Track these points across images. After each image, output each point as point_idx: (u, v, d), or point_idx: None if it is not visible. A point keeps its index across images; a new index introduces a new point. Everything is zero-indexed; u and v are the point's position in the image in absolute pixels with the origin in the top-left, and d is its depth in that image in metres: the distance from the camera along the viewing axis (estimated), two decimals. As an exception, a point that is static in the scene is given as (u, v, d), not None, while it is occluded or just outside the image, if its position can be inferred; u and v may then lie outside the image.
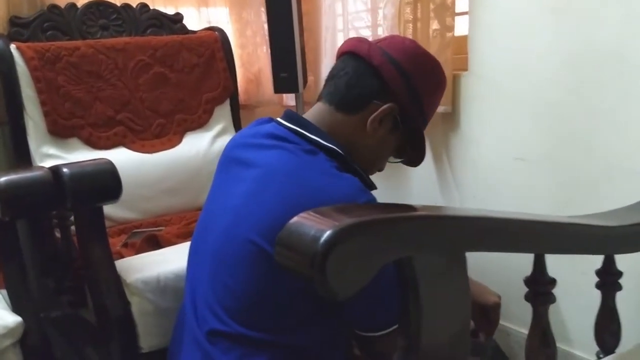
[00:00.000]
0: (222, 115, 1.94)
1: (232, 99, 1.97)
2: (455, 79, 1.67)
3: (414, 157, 1.10)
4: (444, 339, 0.70)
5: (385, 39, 1.07)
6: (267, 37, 1.95)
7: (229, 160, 1.08)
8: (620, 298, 0.92)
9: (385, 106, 0.99)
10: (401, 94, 1.00)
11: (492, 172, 1.61)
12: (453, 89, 1.66)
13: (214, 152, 1.86)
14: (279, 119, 1.03)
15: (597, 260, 0.91)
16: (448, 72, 1.63)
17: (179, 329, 1.05)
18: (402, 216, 0.64)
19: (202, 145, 1.87)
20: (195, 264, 1.05)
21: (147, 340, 1.17)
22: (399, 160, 1.12)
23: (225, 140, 1.87)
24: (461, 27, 1.68)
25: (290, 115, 1.02)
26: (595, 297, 0.93)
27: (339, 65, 1.04)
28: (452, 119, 1.69)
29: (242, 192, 0.96)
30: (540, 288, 0.79)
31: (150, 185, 1.75)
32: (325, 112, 1.02)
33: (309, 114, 1.03)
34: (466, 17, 1.63)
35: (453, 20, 1.63)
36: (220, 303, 0.94)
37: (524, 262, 0.81)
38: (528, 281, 0.80)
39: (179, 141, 1.85)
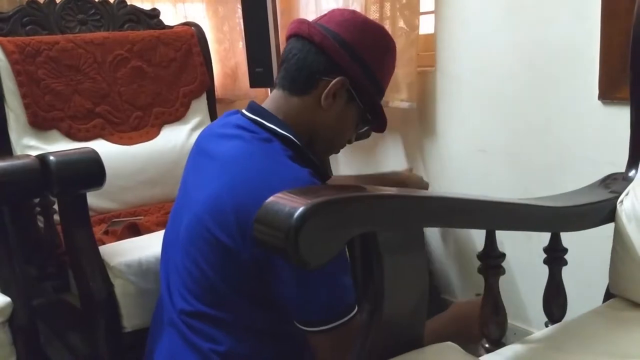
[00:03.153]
0: (199, 109, 2.00)
1: (208, 93, 2.02)
2: (422, 75, 1.75)
3: (377, 125, 1.13)
4: (405, 307, 0.78)
5: (325, 15, 1.09)
6: (243, 33, 2.01)
7: (198, 150, 1.14)
8: (566, 273, 1.01)
9: (335, 80, 1.01)
10: (348, 65, 1.01)
11: (457, 163, 1.71)
12: (419, 85, 1.75)
13: (190, 145, 1.84)
14: (242, 110, 1.08)
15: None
16: (413, 69, 1.72)
17: (158, 310, 1.12)
18: (367, 195, 0.72)
19: (179, 138, 1.91)
20: (168, 254, 1.11)
21: (130, 321, 1.23)
22: (364, 129, 1.15)
23: (201, 133, 1.94)
24: (428, 25, 1.77)
25: (251, 106, 1.07)
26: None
27: (286, 49, 1.06)
28: (419, 113, 1.78)
29: (204, 182, 1.02)
30: (491, 261, 0.88)
31: (129, 177, 1.79)
32: (281, 98, 1.05)
33: (267, 103, 1.06)
34: (432, 15, 1.72)
35: (418, 19, 1.71)
36: (185, 285, 1.01)
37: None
38: (481, 256, 0.88)
39: (157, 134, 1.89)
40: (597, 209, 0.99)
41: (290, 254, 0.67)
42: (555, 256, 0.97)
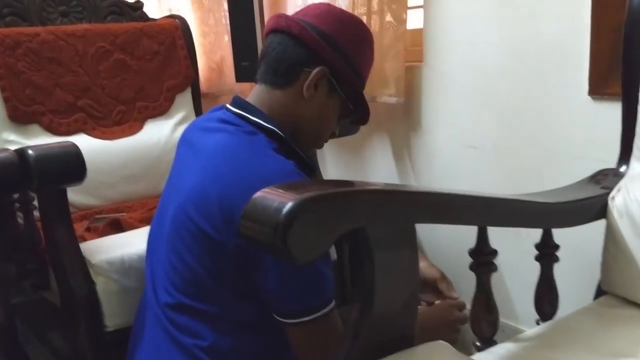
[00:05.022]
0: (184, 104, 1.96)
1: (193, 87, 1.99)
2: (410, 70, 1.73)
3: (359, 116, 1.13)
4: (396, 304, 0.76)
5: (302, 9, 1.10)
6: (229, 24, 1.98)
7: (184, 144, 1.14)
8: (557, 270, 1.00)
9: (315, 70, 1.01)
10: (327, 55, 1.02)
11: (445, 160, 1.69)
12: (407, 80, 1.73)
13: (174, 140, 1.88)
14: (227, 105, 1.08)
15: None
16: (400, 63, 1.70)
17: (142, 306, 1.10)
18: (357, 190, 0.70)
19: (163, 133, 1.88)
20: (153, 249, 1.10)
21: (112, 319, 1.20)
22: (347, 120, 1.14)
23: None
24: (417, 20, 1.75)
25: (235, 100, 1.07)
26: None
27: (265, 45, 1.07)
28: (407, 109, 1.76)
29: (188, 174, 1.02)
30: (483, 258, 0.86)
31: (111, 172, 1.76)
32: (263, 92, 1.05)
33: (250, 98, 1.07)
34: (421, 10, 1.70)
35: (405, 13, 1.69)
36: (169, 279, 1.00)
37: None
38: (472, 252, 0.87)
39: (140, 128, 1.86)
40: (589, 205, 0.98)
41: (279, 250, 0.65)
42: (546, 252, 0.96)
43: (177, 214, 1.00)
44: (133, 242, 1.27)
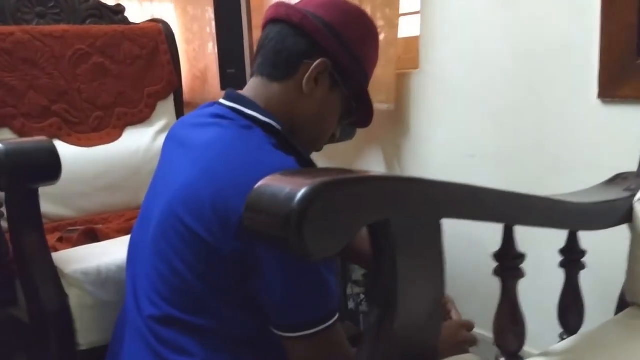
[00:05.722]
0: (165, 111, 1.86)
1: (176, 95, 1.89)
2: (404, 77, 1.67)
3: (362, 116, 1.04)
4: (420, 311, 0.67)
5: (302, 0, 1.02)
6: (213, 33, 1.90)
7: (170, 142, 1.04)
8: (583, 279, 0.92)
9: (317, 62, 0.93)
10: (330, 46, 0.94)
11: (443, 170, 1.61)
12: (401, 87, 1.66)
13: (156, 149, 1.78)
14: (219, 100, 0.99)
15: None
16: (392, 69, 1.63)
17: (121, 321, 0.98)
18: (382, 176, 0.61)
19: (144, 141, 1.78)
20: (136, 257, 1.00)
21: (86, 337, 1.08)
22: (348, 121, 1.06)
23: (168, 137, 1.81)
24: (411, 27, 1.69)
25: (229, 94, 0.98)
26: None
27: (263, 36, 0.99)
28: (401, 117, 1.69)
29: (177, 172, 0.92)
30: (509, 262, 0.77)
31: (87, 182, 1.64)
32: (260, 85, 0.97)
33: (246, 91, 0.98)
34: (418, 16, 1.64)
35: (398, 18, 1.62)
36: (155, 288, 0.89)
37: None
38: (498, 255, 0.78)
39: (119, 136, 1.75)
40: (615, 208, 0.91)
41: (292, 244, 0.55)
42: (572, 258, 0.88)
43: (165, 215, 0.89)
44: (111, 252, 1.16)
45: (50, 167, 0.98)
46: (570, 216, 0.84)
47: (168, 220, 0.88)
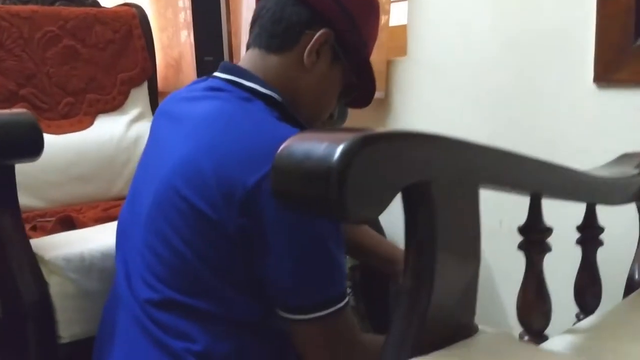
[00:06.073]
0: (139, 99, 1.78)
1: (150, 83, 1.82)
2: (391, 64, 1.63)
3: (361, 94, 1.00)
4: (456, 284, 0.62)
5: None
6: (188, 19, 1.83)
7: (161, 117, 0.98)
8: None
9: (319, 33, 0.88)
10: (333, 16, 0.90)
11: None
12: (389, 74, 1.63)
13: (130, 139, 1.70)
14: (214, 73, 0.94)
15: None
16: (382, 56, 1.59)
17: (111, 307, 0.91)
18: (425, 133, 0.56)
19: (117, 129, 1.69)
20: (126, 240, 0.93)
21: (68, 328, 0.99)
22: (349, 99, 1.02)
23: (142, 126, 1.73)
24: (399, 16, 1.66)
25: (225, 66, 0.93)
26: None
27: (258, 7, 0.93)
28: (387, 105, 1.65)
29: (173, 146, 0.86)
30: (536, 236, 0.74)
31: (58, 171, 1.55)
32: (258, 57, 0.91)
33: (242, 63, 0.93)
34: (405, 4, 1.60)
35: (389, 4, 1.60)
36: (151, 270, 0.83)
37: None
38: (523, 229, 0.74)
39: (90, 123, 1.67)
40: (631, 184, 0.88)
41: (330, 204, 0.50)
42: (591, 234, 0.85)
43: (162, 192, 0.83)
44: (94, 238, 1.08)
45: (31, 142, 0.89)
46: (592, 188, 0.81)
47: (166, 197, 0.82)
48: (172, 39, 2.00)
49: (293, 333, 0.81)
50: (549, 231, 0.74)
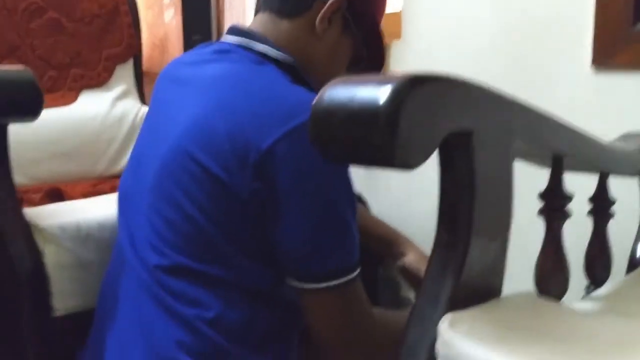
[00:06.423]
0: (124, 76, 1.73)
1: (136, 60, 1.77)
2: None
3: (373, 62, 0.99)
4: (489, 245, 0.61)
5: None
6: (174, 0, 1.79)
7: (165, 81, 0.95)
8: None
9: (331, 0, 0.88)
10: None
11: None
12: (382, 57, 1.62)
13: (114, 116, 1.65)
14: (223, 37, 0.92)
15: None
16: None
17: (114, 279, 0.88)
18: (469, 81, 0.55)
19: (102, 106, 1.64)
20: (129, 206, 0.90)
21: (64, 300, 0.95)
22: (357, 71, 1.01)
23: (127, 104, 1.69)
24: (394, 3, 1.65)
25: (233, 29, 0.91)
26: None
27: None
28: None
29: (182, 108, 0.83)
30: (556, 202, 0.73)
31: (40, 147, 1.50)
32: (268, 21, 0.89)
33: (252, 27, 0.91)
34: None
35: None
36: (161, 236, 0.80)
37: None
38: (544, 194, 0.74)
39: (74, 99, 1.62)
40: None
41: (380, 151, 0.48)
42: (602, 206, 0.85)
43: (172, 155, 0.80)
44: (89, 208, 1.04)
45: (30, 101, 0.85)
46: (608, 157, 0.81)
47: (177, 160, 0.79)
48: (158, 18, 1.96)
49: (303, 302, 0.79)
50: (569, 198, 0.74)
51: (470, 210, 0.57)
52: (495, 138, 0.58)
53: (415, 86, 0.49)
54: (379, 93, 0.48)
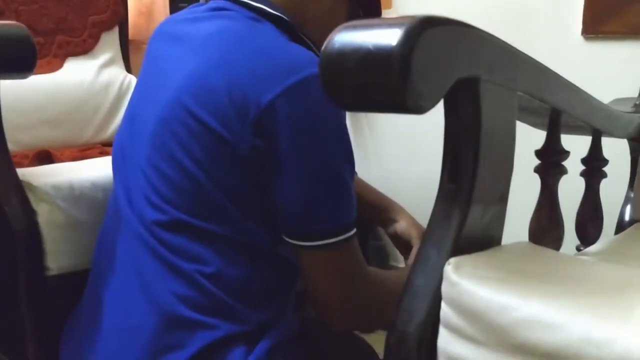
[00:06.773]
0: (110, 44, 1.71)
1: (121, 27, 1.74)
2: (375, 17, 1.62)
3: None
4: (491, 196, 0.62)
5: None
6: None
7: (159, 39, 0.92)
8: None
9: None
10: None
11: (412, 118, 1.58)
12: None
13: (100, 84, 1.64)
14: None
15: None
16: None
17: (110, 235, 0.87)
18: (479, 29, 0.55)
19: (87, 74, 1.63)
20: (125, 161, 0.88)
21: (57, 260, 0.94)
22: None
23: (113, 72, 1.67)
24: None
25: None
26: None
27: None
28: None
29: (178, 64, 0.82)
30: (552, 158, 0.75)
31: (26, 113, 1.48)
32: None
33: None
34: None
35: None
36: (158, 192, 0.79)
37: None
38: (540, 152, 0.75)
39: (60, 66, 1.60)
40: (631, 120, 0.91)
41: (393, 93, 0.48)
42: (595, 166, 0.87)
43: (169, 111, 0.79)
44: (82, 168, 1.03)
45: (24, 56, 0.83)
46: (604, 115, 0.82)
47: (174, 114, 0.78)
48: (144, -16, 1.93)
49: (300, 260, 0.80)
50: (566, 153, 0.75)
51: (476, 155, 0.58)
52: (501, 87, 0.59)
53: (427, 28, 0.49)
54: (392, 35, 0.48)
